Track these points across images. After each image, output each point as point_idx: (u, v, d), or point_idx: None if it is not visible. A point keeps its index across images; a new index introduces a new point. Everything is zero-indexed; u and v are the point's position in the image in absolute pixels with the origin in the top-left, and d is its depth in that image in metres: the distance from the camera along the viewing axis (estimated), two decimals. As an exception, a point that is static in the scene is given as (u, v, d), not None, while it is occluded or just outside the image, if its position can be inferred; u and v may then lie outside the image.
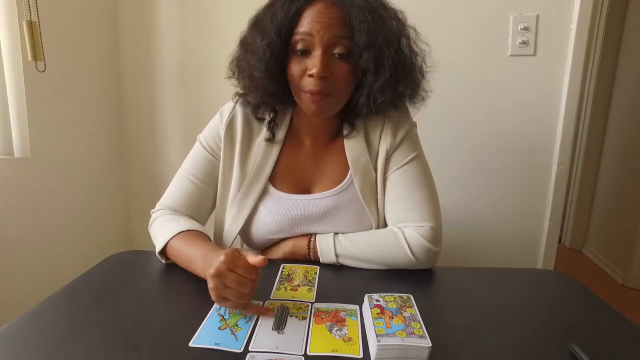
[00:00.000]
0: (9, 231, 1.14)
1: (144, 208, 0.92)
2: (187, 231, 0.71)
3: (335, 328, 0.53)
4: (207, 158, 0.78)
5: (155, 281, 0.69)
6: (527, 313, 0.60)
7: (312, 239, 0.75)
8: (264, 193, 0.77)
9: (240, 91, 0.77)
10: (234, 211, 0.77)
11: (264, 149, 0.77)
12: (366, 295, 0.57)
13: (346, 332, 0.52)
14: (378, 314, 0.52)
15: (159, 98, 1.52)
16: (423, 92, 0.75)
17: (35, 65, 1.08)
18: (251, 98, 0.75)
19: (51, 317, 0.55)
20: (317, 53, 0.66)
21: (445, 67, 1.32)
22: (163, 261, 0.73)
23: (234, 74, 0.76)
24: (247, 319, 0.55)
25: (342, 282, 0.69)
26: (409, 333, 0.48)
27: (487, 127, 1.39)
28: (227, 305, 0.55)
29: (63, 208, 1.31)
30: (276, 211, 0.76)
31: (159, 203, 0.80)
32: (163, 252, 0.72)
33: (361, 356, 0.48)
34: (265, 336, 0.51)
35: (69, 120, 1.31)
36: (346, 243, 0.73)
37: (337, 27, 0.66)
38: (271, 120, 0.77)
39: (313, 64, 0.66)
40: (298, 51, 0.68)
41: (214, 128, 0.78)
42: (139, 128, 1.56)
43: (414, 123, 0.80)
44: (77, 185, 1.37)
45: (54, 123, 1.25)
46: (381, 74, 0.68)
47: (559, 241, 1.68)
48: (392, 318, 0.51)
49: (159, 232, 0.73)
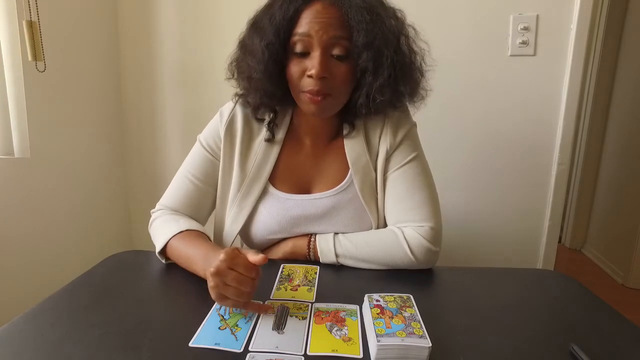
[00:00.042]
0: (9, 231, 1.14)
1: (144, 208, 0.92)
2: (187, 231, 0.71)
3: (335, 328, 0.53)
4: (207, 158, 0.78)
5: (155, 281, 0.69)
6: (527, 313, 0.60)
7: (312, 239, 0.75)
8: (264, 193, 0.77)
9: (239, 92, 0.77)
10: (234, 211, 0.77)
11: (264, 149, 0.77)
12: (366, 295, 0.57)
13: (346, 332, 0.52)
14: (378, 314, 0.52)
15: (159, 98, 1.52)
16: (423, 91, 0.75)
17: (35, 65, 1.08)
18: (251, 99, 0.75)
19: (51, 317, 0.55)
20: (316, 54, 0.66)
21: (445, 67, 1.32)
22: (163, 261, 0.73)
23: (233, 75, 0.76)
24: (247, 319, 0.55)
25: (342, 282, 0.69)
26: (409, 333, 0.48)
27: (487, 127, 1.39)
28: (227, 303, 0.54)
29: (63, 208, 1.31)
30: (276, 211, 0.76)
31: (159, 203, 0.80)
32: (163, 252, 0.72)
33: (361, 356, 0.48)
34: (265, 336, 0.51)
35: (69, 120, 1.31)
36: (346, 243, 0.73)
37: (336, 28, 0.65)
38: (271, 120, 0.77)
39: (312, 65, 0.66)
40: (297, 52, 0.68)
41: (214, 128, 0.79)
42: (139, 128, 1.56)
43: (414, 123, 0.80)
44: (77, 185, 1.37)
45: (54, 123, 1.25)
46: (380, 74, 0.68)
47: (559, 241, 1.68)
48: (392, 318, 0.51)
49: (159, 232, 0.73)
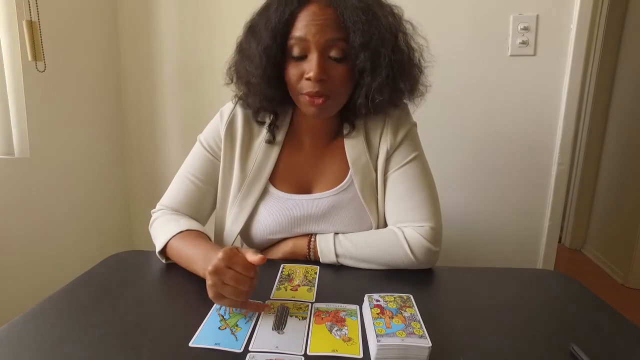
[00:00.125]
0: (9, 231, 1.14)
1: (144, 208, 0.92)
2: (187, 231, 0.71)
3: (335, 328, 0.53)
4: (208, 158, 0.78)
5: (155, 281, 0.69)
6: (527, 313, 0.60)
7: (312, 239, 0.75)
8: (265, 193, 0.77)
9: (239, 95, 0.77)
10: (235, 211, 0.77)
11: (264, 149, 0.77)
12: (366, 295, 0.57)
13: (346, 332, 0.52)
14: (378, 314, 0.52)
15: (159, 98, 1.52)
16: (422, 87, 0.74)
17: (35, 65, 1.08)
18: (250, 102, 0.75)
19: (51, 317, 0.55)
20: (313, 57, 0.66)
21: (445, 67, 1.33)
22: (163, 261, 0.73)
23: (232, 80, 0.76)
24: (247, 319, 0.55)
25: (342, 282, 0.69)
26: (409, 333, 0.48)
27: (487, 127, 1.39)
28: (225, 303, 0.54)
29: (63, 208, 1.31)
30: (276, 211, 0.76)
31: (160, 203, 0.80)
32: (163, 252, 0.72)
33: (361, 356, 0.48)
34: (265, 336, 0.51)
35: (69, 120, 1.31)
36: (346, 243, 0.73)
37: (332, 30, 0.65)
38: (271, 123, 0.77)
39: (310, 68, 0.66)
40: (294, 56, 0.67)
41: (214, 128, 0.79)
42: (139, 128, 1.56)
43: (414, 123, 0.80)
44: (77, 185, 1.37)
45: (54, 123, 1.25)
46: (378, 74, 0.68)
47: (559, 241, 1.68)
48: (392, 318, 0.51)
49: (159, 232, 0.73)
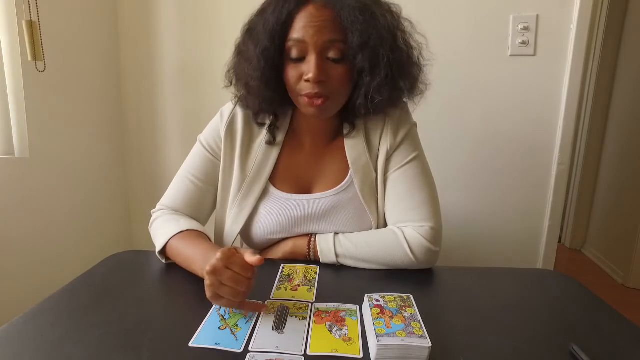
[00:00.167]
0: (9, 231, 1.14)
1: (144, 208, 0.92)
2: (187, 231, 0.71)
3: (335, 328, 0.53)
4: (208, 158, 0.78)
5: (155, 281, 0.69)
6: (527, 313, 0.60)
7: (312, 239, 0.75)
8: (265, 193, 0.77)
9: (239, 96, 0.77)
10: (235, 212, 0.77)
11: (264, 150, 0.77)
12: (366, 295, 0.57)
13: (346, 332, 0.52)
14: (378, 314, 0.52)
15: (159, 98, 1.52)
16: (422, 85, 0.74)
17: (35, 65, 1.08)
18: (250, 104, 0.75)
19: (51, 317, 0.55)
20: (312, 58, 0.65)
21: (445, 67, 1.33)
22: (163, 261, 0.73)
23: (232, 83, 0.76)
24: (247, 319, 0.55)
25: (342, 282, 0.69)
26: (409, 333, 0.48)
27: (487, 127, 1.39)
28: (222, 303, 0.54)
29: (63, 208, 1.31)
30: (276, 211, 0.76)
31: (160, 203, 0.80)
32: (163, 252, 0.72)
33: (361, 356, 0.48)
34: (265, 336, 0.51)
35: (69, 120, 1.31)
36: (346, 243, 0.73)
37: (330, 31, 0.65)
38: (272, 124, 0.77)
39: (308, 69, 0.66)
40: (293, 58, 0.67)
41: (215, 128, 0.79)
42: (139, 128, 1.56)
43: (415, 123, 0.80)
44: (77, 185, 1.37)
45: (54, 123, 1.25)
46: (377, 74, 0.67)
47: (559, 241, 1.68)
48: (392, 318, 0.51)
49: (159, 232, 0.73)
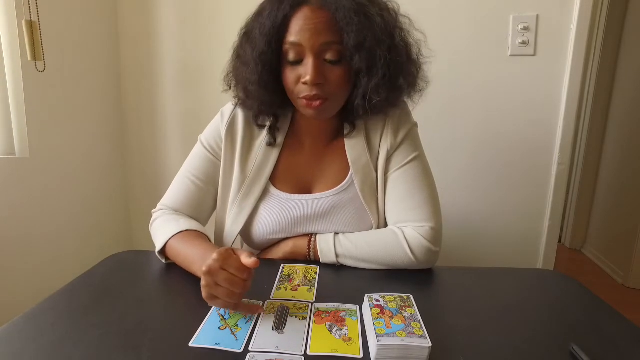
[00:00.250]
0: (9, 231, 1.14)
1: (144, 208, 0.92)
2: (187, 231, 0.71)
3: (335, 328, 0.53)
4: (208, 158, 0.78)
5: (155, 281, 0.69)
6: (527, 313, 0.60)
7: (312, 239, 0.75)
8: (265, 193, 0.77)
9: (239, 99, 0.77)
10: (235, 212, 0.77)
11: (265, 150, 0.77)
12: (366, 295, 0.57)
13: (346, 332, 0.52)
14: (378, 314, 0.52)
15: (159, 98, 1.52)
16: (422, 83, 0.74)
17: (34, 65, 1.08)
18: (249, 107, 0.75)
19: (51, 317, 0.55)
20: (309, 61, 0.65)
21: (445, 67, 1.33)
22: (163, 261, 0.73)
23: (230, 87, 0.76)
24: (247, 319, 0.55)
25: (342, 282, 0.69)
26: (409, 333, 0.48)
27: (487, 128, 1.39)
28: (217, 304, 0.54)
29: (63, 208, 1.31)
30: (277, 211, 0.76)
31: (160, 203, 0.80)
32: (163, 252, 0.72)
33: (361, 356, 0.48)
34: (265, 336, 0.51)
35: (69, 120, 1.31)
36: (346, 243, 0.73)
37: (326, 33, 0.64)
38: (272, 125, 0.77)
39: (306, 72, 0.66)
40: (290, 60, 0.67)
41: (215, 128, 0.79)
42: (139, 128, 1.56)
43: (415, 123, 0.80)
44: (77, 185, 1.37)
45: (54, 123, 1.25)
46: (374, 74, 0.67)
47: (559, 241, 1.68)
48: (392, 318, 0.51)
49: (159, 232, 0.73)
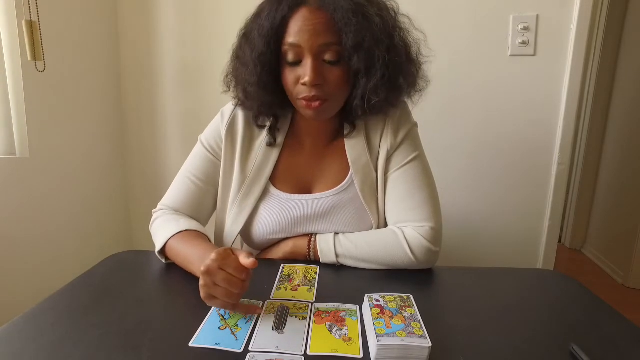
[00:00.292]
0: (9, 231, 1.14)
1: (144, 208, 0.92)
2: (187, 231, 0.71)
3: (335, 328, 0.53)
4: (208, 158, 0.78)
5: (155, 281, 0.69)
6: (527, 313, 0.60)
7: (312, 239, 0.75)
8: (265, 193, 0.77)
9: (239, 99, 0.77)
10: (235, 212, 0.77)
11: (265, 150, 0.77)
12: (366, 295, 0.57)
13: (346, 332, 0.52)
14: (378, 314, 0.52)
15: (159, 98, 1.52)
16: (423, 82, 0.74)
17: (34, 65, 1.08)
18: (249, 108, 0.75)
19: (51, 317, 0.55)
20: (308, 62, 0.65)
21: (445, 67, 1.33)
22: (163, 261, 0.73)
23: (230, 88, 0.76)
24: (247, 319, 0.55)
25: (342, 282, 0.69)
26: (409, 333, 0.48)
27: (487, 128, 1.39)
28: (215, 304, 0.54)
29: (63, 208, 1.31)
30: (277, 212, 0.76)
31: (161, 203, 0.80)
32: (163, 252, 0.72)
33: (361, 356, 0.48)
34: (265, 336, 0.51)
35: (69, 120, 1.31)
36: (346, 243, 0.73)
37: (325, 34, 0.64)
38: (272, 126, 0.77)
39: (304, 73, 0.66)
40: (289, 62, 0.67)
41: (215, 128, 0.79)
42: (139, 128, 1.56)
43: (415, 123, 0.80)
44: (77, 185, 1.37)
45: (54, 123, 1.25)
46: (373, 75, 0.67)
47: (559, 241, 1.68)
48: (392, 318, 0.51)
49: (159, 232, 0.73)
